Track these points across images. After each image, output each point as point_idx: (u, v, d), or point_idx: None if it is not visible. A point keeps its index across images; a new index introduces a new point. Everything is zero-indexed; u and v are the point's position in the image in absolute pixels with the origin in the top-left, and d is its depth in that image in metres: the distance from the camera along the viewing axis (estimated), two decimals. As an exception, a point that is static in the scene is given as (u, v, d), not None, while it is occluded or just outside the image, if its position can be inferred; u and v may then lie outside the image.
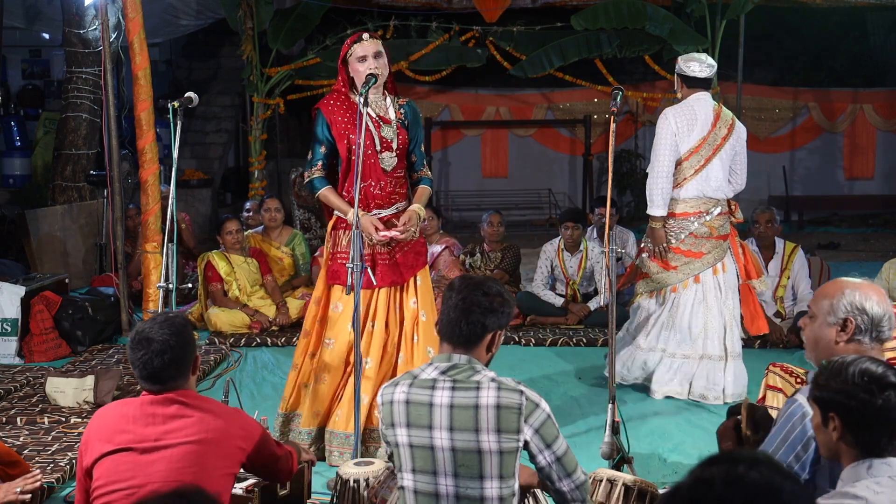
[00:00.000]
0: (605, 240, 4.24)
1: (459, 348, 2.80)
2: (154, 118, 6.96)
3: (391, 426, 2.80)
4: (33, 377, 5.86)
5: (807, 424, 2.58)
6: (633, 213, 14.29)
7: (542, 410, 2.72)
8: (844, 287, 2.76)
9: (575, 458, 2.81)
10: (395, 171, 4.54)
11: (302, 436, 4.52)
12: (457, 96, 14.71)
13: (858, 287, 2.76)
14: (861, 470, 2.32)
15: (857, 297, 2.72)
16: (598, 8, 10.70)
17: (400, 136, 4.55)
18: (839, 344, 2.72)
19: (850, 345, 2.71)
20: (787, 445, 2.63)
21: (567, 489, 2.79)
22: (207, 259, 7.24)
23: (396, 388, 2.81)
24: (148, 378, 2.87)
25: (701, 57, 5.43)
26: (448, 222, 12.95)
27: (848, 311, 2.72)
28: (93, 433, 2.91)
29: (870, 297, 2.73)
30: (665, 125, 5.40)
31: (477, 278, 2.90)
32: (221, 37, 13.49)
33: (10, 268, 7.38)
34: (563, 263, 7.33)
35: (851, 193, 14.91)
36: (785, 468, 1.70)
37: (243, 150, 13.84)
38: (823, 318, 2.76)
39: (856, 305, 2.72)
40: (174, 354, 2.86)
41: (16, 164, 12.54)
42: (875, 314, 2.71)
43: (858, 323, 2.71)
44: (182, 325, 2.94)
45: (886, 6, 12.60)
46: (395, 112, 4.58)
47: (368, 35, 4.47)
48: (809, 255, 7.22)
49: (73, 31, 8.95)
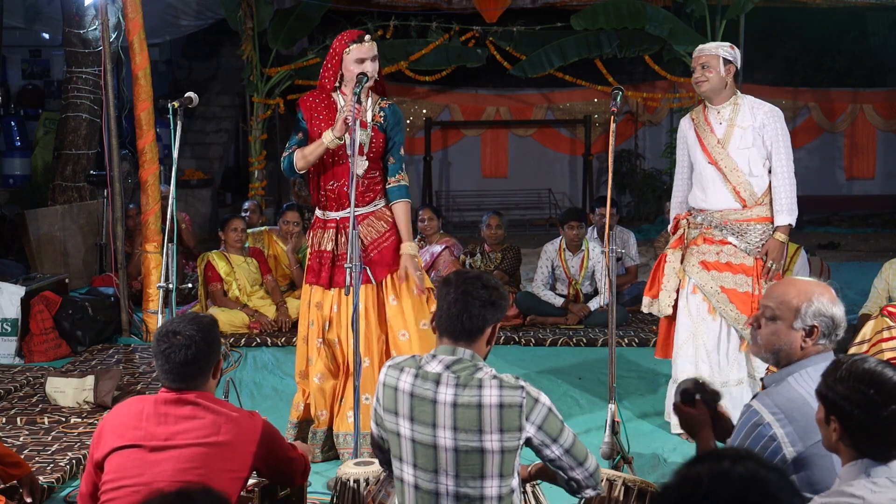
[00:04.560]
0: (606, 240, 4.23)
1: (461, 342, 2.80)
2: (154, 118, 6.96)
3: (394, 413, 2.78)
4: (33, 377, 5.86)
5: (761, 431, 2.63)
6: (633, 213, 14.30)
7: (542, 405, 2.72)
8: (811, 294, 2.78)
9: (584, 447, 2.80)
10: (367, 174, 4.50)
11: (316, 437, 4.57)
12: (457, 96, 14.71)
13: (821, 292, 2.79)
14: (859, 470, 2.33)
15: (823, 305, 2.76)
16: (598, 8, 10.70)
17: (374, 141, 4.49)
18: (803, 349, 2.76)
19: (812, 349, 2.76)
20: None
21: (581, 477, 2.78)
22: (207, 259, 7.24)
23: (401, 374, 2.78)
24: (168, 372, 2.86)
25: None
26: (448, 222, 12.96)
27: (815, 318, 2.75)
28: (107, 426, 2.91)
29: (833, 302, 2.77)
30: (783, 122, 4.83)
31: (472, 272, 2.90)
32: (221, 37, 13.50)
33: (10, 268, 7.38)
34: (564, 263, 7.34)
35: (851, 193, 14.92)
36: (769, 461, 1.74)
37: (243, 150, 13.85)
38: (789, 322, 2.78)
39: (823, 313, 2.75)
40: (197, 350, 2.85)
41: (16, 164, 12.54)
42: (837, 319, 2.76)
43: (823, 329, 2.75)
44: (209, 325, 2.94)
45: (886, 6, 12.61)
46: (373, 115, 4.52)
47: (369, 38, 4.44)
48: (809, 255, 7.21)
49: (73, 31, 8.94)
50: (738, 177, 4.77)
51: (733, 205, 4.80)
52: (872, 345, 4.74)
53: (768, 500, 1.62)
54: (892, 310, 4.79)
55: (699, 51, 4.84)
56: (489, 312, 2.78)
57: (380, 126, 4.51)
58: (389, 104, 4.57)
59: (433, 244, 7.50)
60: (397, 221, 4.55)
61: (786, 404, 2.66)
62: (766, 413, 2.65)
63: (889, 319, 4.74)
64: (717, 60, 4.75)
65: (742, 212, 4.78)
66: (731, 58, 4.77)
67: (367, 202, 4.52)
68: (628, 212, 14.28)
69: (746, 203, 4.77)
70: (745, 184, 4.76)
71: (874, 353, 4.62)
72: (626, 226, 9.62)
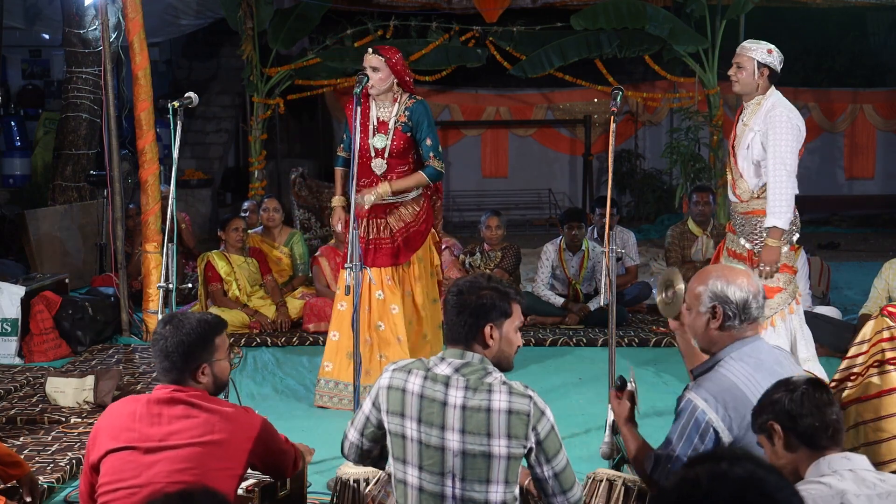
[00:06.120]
0: (605, 240, 4.24)
1: (463, 346, 2.81)
2: (154, 118, 6.96)
3: (400, 416, 2.77)
4: (33, 377, 5.86)
5: (699, 416, 2.75)
6: (633, 213, 14.31)
7: (547, 419, 2.73)
8: (709, 277, 2.89)
9: (573, 475, 2.81)
10: (395, 168, 5.09)
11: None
12: (457, 96, 14.71)
13: (722, 274, 2.89)
14: (822, 466, 2.44)
15: (719, 286, 2.85)
16: (598, 8, 10.69)
17: (394, 142, 5.05)
18: (713, 331, 2.88)
19: (725, 331, 2.86)
20: (684, 440, 2.79)
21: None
22: (207, 259, 7.24)
23: (410, 376, 2.78)
24: (156, 361, 2.92)
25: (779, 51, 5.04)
26: (448, 222, 12.96)
27: (713, 300, 2.85)
28: (102, 428, 2.91)
29: (731, 282, 2.85)
30: (791, 123, 4.81)
31: (469, 279, 2.91)
32: (221, 37, 13.50)
33: (10, 268, 7.37)
34: (564, 263, 7.34)
35: (851, 193, 14.92)
36: (767, 462, 1.78)
37: (243, 150, 13.85)
38: (696, 308, 2.90)
39: (718, 294, 2.85)
40: (177, 340, 2.87)
41: (16, 164, 12.54)
42: (738, 299, 2.84)
43: (726, 310, 2.84)
44: (204, 323, 2.94)
45: (886, 6, 12.61)
46: (398, 116, 4.98)
47: (372, 50, 5.04)
48: (809, 255, 7.22)
49: (73, 31, 8.94)
50: (738, 174, 4.94)
51: (734, 199, 5.01)
52: (872, 345, 4.71)
53: (766, 501, 1.63)
54: (892, 310, 4.77)
55: (740, 48, 4.98)
56: (480, 317, 2.78)
57: (404, 127, 5.07)
58: (415, 102, 5.07)
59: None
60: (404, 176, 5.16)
61: (717, 391, 2.77)
62: (699, 401, 2.76)
63: (889, 319, 4.71)
64: (751, 63, 4.88)
65: (740, 205, 4.96)
66: (766, 62, 4.88)
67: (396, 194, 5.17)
68: (628, 212, 14.28)
69: (741, 198, 4.94)
70: (740, 181, 4.93)
71: (874, 353, 4.60)
72: (626, 226, 9.61)
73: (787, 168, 4.74)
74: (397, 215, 5.21)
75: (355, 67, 10.58)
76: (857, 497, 2.34)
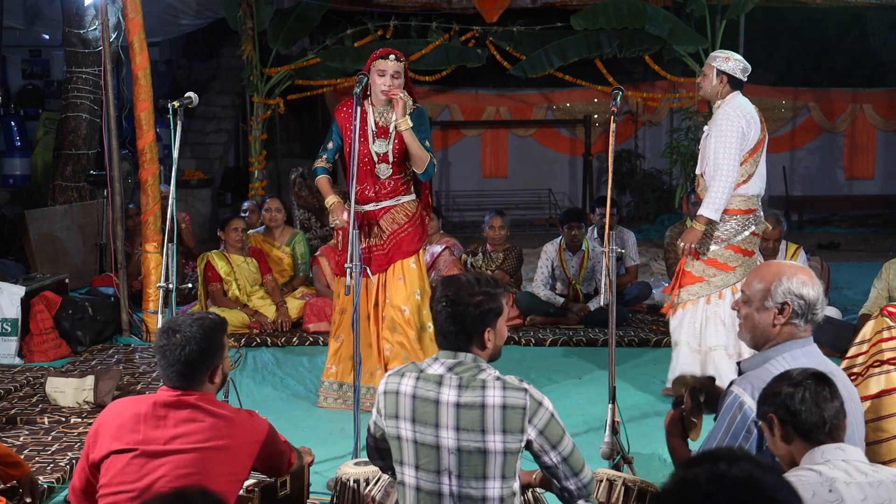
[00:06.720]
0: (605, 240, 4.24)
1: (456, 347, 2.80)
2: (154, 118, 6.96)
3: (394, 418, 2.78)
4: (33, 377, 5.86)
5: (746, 411, 2.72)
6: (633, 213, 14.31)
7: (545, 409, 2.72)
8: (781, 274, 2.87)
9: (581, 457, 2.82)
10: (392, 176, 5.18)
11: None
12: (457, 96, 14.71)
13: (796, 272, 2.88)
14: (815, 455, 2.45)
15: (794, 284, 2.85)
16: (598, 8, 10.69)
17: (396, 146, 5.10)
18: (776, 327, 2.86)
19: (787, 327, 2.86)
20: (730, 436, 2.75)
21: (574, 487, 2.80)
22: (207, 259, 7.24)
23: (403, 378, 2.79)
24: (165, 369, 2.85)
25: (743, 59, 5.32)
26: (448, 222, 12.96)
27: (786, 296, 2.84)
28: (103, 426, 2.87)
29: (805, 282, 2.85)
30: (734, 125, 5.14)
31: (455, 283, 2.82)
32: (221, 37, 13.50)
33: (10, 268, 7.37)
34: (564, 263, 7.34)
35: (851, 193, 14.93)
36: (765, 462, 1.78)
37: (243, 150, 13.85)
38: (760, 302, 2.87)
39: (793, 291, 2.84)
40: (192, 351, 2.82)
41: (16, 164, 12.54)
42: (809, 298, 2.84)
43: (795, 307, 2.84)
44: (213, 326, 2.89)
45: (886, 6, 12.61)
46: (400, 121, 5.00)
47: (395, 57, 5.02)
48: (809, 256, 7.22)
49: (73, 31, 8.95)
50: (700, 174, 5.36)
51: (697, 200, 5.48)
52: (872, 345, 4.72)
53: (765, 501, 1.63)
54: (892, 310, 4.78)
55: (707, 58, 5.43)
56: (482, 323, 2.77)
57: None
58: (416, 107, 5.13)
59: (433, 244, 7.49)
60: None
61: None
62: (746, 396, 2.73)
63: (889, 319, 4.72)
64: (711, 70, 5.27)
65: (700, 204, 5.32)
66: (724, 69, 5.23)
67: (391, 197, 5.22)
68: (628, 212, 14.28)
69: (700, 196, 5.33)
70: (701, 180, 5.34)
71: (874, 353, 4.60)
72: (626, 226, 9.62)
73: (724, 165, 5.11)
74: (390, 218, 5.22)
75: (355, 67, 10.59)
76: (846, 485, 2.35)
